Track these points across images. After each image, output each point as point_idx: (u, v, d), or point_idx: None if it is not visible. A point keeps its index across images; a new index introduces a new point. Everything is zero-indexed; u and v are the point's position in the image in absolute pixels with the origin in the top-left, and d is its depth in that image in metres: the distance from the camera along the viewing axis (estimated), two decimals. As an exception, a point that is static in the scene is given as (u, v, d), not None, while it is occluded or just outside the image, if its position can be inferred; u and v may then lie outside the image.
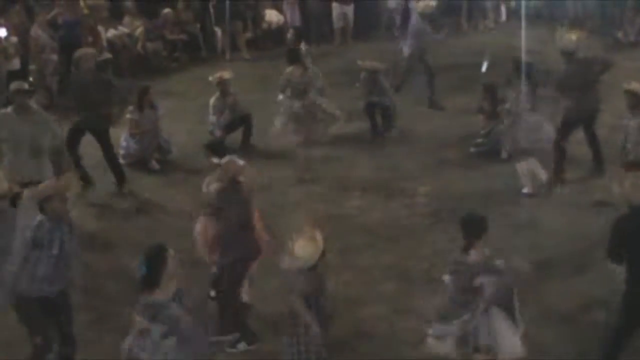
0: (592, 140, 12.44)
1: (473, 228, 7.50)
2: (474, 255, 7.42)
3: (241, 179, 8.68)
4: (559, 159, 12.28)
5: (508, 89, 12.77)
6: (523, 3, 20.83)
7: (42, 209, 7.66)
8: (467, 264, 7.41)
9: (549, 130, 12.02)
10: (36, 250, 7.65)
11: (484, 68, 15.57)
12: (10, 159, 10.59)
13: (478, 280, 7.32)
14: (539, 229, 10.90)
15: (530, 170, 12.02)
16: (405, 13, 18.12)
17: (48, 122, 10.84)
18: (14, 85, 10.81)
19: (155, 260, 6.62)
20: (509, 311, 7.47)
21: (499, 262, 7.45)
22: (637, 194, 7.53)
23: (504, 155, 13.42)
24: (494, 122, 13.66)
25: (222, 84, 14.26)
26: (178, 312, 6.53)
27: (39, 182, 9.87)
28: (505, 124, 12.59)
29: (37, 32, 17.02)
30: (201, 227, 9.24)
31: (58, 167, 10.98)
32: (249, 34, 21.71)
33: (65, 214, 7.82)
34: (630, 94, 11.41)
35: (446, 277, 7.68)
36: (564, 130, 12.20)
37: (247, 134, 14.36)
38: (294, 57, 14.56)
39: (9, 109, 10.71)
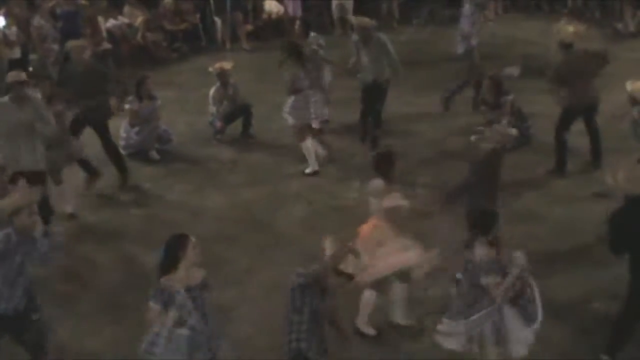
0: (593, 133, 12.41)
1: (481, 223, 7.45)
2: (480, 252, 7.33)
3: None
4: (561, 151, 12.31)
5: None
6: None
7: (10, 222, 7.24)
8: (473, 262, 7.36)
9: None
10: None
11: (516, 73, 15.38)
12: (6, 149, 10.50)
13: (484, 280, 7.26)
14: (538, 220, 10.89)
15: (310, 149, 12.73)
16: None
17: (41, 110, 10.69)
18: (11, 76, 10.70)
19: (174, 246, 6.68)
20: (523, 306, 7.39)
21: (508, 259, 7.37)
22: (629, 185, 7.52)
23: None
24: (496, 113, 13.64)
25: (222, 74, 14.24)
26: (187, 302, 6.57)
27: (35, 172, 9.96)
28: None
29: (40, 21, 17.02)
30: None
31: (52, 161, 10.95)
32: (249, 25, 21.70)
33: (33, 228, 7.37)
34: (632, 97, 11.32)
35: (459, 275, 7.63)
36: (563, 121, 12.23)
37: (247, 124, 14.35)
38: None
39: (6, 98, 10.62)
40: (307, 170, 12.72)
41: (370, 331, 8.60)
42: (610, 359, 7.84)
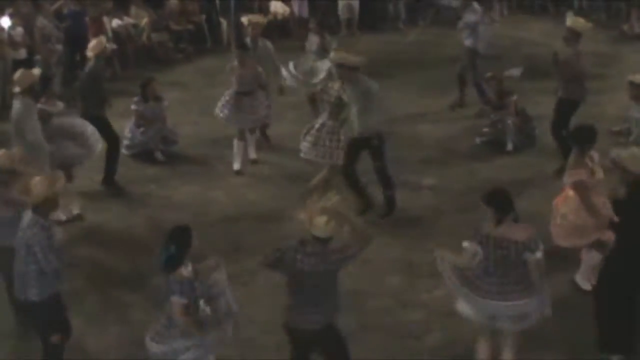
0: None
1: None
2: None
3: None
4: (564, 147, 12.32)
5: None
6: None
7: (35, 210, 7.43)
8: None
9: None
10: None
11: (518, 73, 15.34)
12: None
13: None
14: (543, 220, 10.85)
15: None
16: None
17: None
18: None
19: (181, 240, 6.86)
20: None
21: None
22: (631, 165, 7.79)
23: (509, 147, 13.42)
24: (500, 113, 13.66)
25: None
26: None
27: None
28: None
29: (43, 22, 17.03)
30: None
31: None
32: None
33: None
34: (634, 85, 11.40)
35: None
36: (561, 118, 12.24)
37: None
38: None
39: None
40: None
41: (586, 286, 9.08)
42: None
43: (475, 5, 15.54)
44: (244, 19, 13.92)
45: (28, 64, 15.80)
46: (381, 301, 9.31)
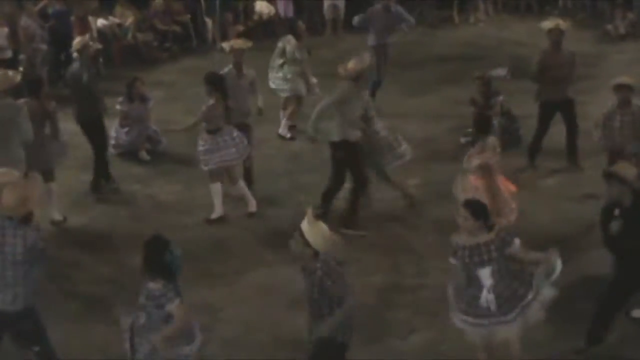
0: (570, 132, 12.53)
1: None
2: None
3: None
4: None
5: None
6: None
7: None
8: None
9: None
10: None
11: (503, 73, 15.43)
12: None
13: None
14: (527, 220, 10.89)
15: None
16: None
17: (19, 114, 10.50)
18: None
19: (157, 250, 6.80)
20: None
21: None
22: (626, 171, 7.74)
23: (494, 147, 13.45)
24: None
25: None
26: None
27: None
28: None
29: (27, 21, 16.99)
30: None
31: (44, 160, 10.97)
32: (240, 26, 21.69)
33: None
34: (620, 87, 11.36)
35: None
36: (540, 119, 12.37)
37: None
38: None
39: None
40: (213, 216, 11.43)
41: None
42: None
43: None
44: (225, 45, 12.93)
45: (12, 63, 15.77)
46: (365, 301, 9.31)
